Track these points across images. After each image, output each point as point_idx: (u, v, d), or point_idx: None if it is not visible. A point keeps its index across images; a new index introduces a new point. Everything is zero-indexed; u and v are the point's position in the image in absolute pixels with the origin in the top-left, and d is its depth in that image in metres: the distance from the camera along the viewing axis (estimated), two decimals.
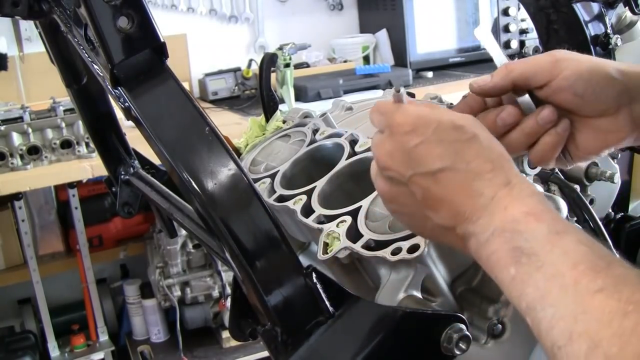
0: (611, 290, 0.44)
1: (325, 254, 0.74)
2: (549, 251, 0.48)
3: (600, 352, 0.41)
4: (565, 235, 0.49)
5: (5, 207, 2.53)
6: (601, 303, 0.43)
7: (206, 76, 2.97)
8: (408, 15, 2.99)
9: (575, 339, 0.43)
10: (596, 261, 0.46)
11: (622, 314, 0.42)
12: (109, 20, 0.62)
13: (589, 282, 0.45)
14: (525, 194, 0.54)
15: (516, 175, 0.56)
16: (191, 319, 2.65)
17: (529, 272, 0.49)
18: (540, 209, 0.52)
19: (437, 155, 0.57)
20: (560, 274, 0.47)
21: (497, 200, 0.54)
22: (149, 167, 1.11)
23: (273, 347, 0.66)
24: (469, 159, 0.56)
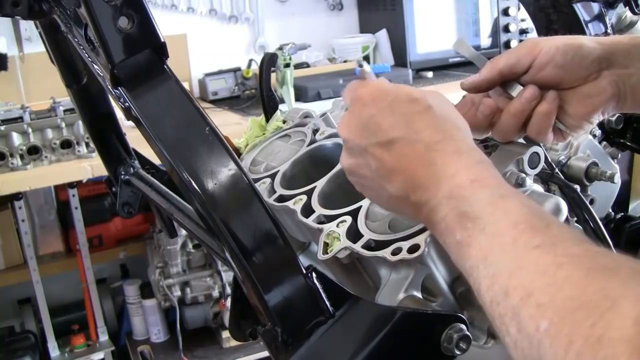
0: (548, 246, 0.45)
1: (325, 254, 0.74)
2: (491, 213, 0.50)
3: (532, 301, 0.42)
4: (507, 198, 0.51)
5: (5, 207, 2.53)
6: (537, 258, 0.45)
7: (206, 76, 2.97)
8: (408, 15, 2.99)
9: (510, 292, 0.44)
10: (535, 221, 0.48)
11: (556, 265, 0.43)
12: (109, 20, 0.62)
13: (527, 239, 0.46)
14: (473, 162, 0.56)
15: (466, 144, 0.58)
16: (191, 319, 2.65)
17: (473, 235, 0.50)
18: (485, 175, 0.54)
19: (389, 126, 0.59)
20: (500, 233, 0.48)
21: (445, 168, 0.56)
22: (149, 167, 1.11)
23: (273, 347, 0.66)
24: (420, 129, 0.58)
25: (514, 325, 0.44)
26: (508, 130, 0.71)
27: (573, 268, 0.42)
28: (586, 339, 0.37)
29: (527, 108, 0.69)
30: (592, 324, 0.38)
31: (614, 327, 0.36)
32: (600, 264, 0.42)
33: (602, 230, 0.79)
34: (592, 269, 0.42)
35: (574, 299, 0.40)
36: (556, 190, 0.84)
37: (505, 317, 0.45)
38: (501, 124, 0.71)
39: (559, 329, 0.40)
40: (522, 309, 0.43)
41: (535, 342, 0.41)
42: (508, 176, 0.72)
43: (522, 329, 0.43)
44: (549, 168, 0.80)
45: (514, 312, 0.44)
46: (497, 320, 0.46)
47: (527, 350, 0.43)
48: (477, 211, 0.51)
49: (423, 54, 3.04)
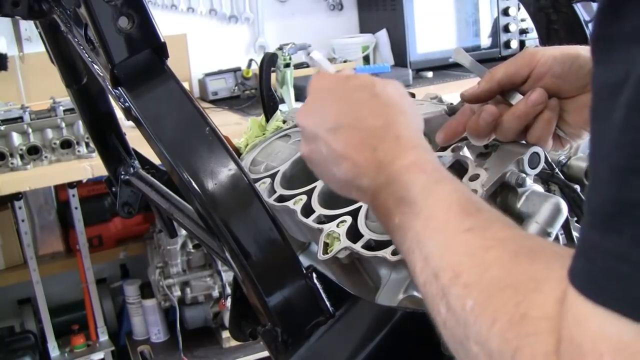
0: (478, 229, 0.46)
1: (325, 254, 0.74)
2: (425, 198, 0.52)
3: (460, 281, 0.44)
4: (442, 183, 0.53)
5: (5, 207, 2.53)
6: (467, 241, 0.46)
7: (206, 76, 2.97)
8: (408, 15, 2.99)
9: (440, 274, 0.46)
10: (467, 205, 0.49)
11: (485, 248, 0.44)
12: (109, 20, 0.62)
13: (459, 223, 0.48)
14: (412, 146, 0.57)
15: (406, 129, 0.59)
16: (191, 319, 2.65)
17: (410, 219, 0.52)
18: (423, 160, 0.56)
19: (337, 112, 0.61)
20: (434, 217, 0.50)
21: (386, 153, 0.57)
22: (149, 167, 1.12)
23: (273, 347, 0.66)
24: (364, 116, 0.60)
25: (443, 305, 0.45)
26: (510, 131, 0.72)
27: (501, 251, 0.43)
28: (510, 317, 0.39)
29: (531, 112, 0.70)
30: (517, 303, 0.39)
31: (537, 306, 0.38)
32: (526, 247, 0.43)
33: None
34: (519, 252, 0.43)
35: (499, 280, 0.41)
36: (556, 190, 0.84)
37: (435, 297, 0.46)
38: (504, 125, 0.71)
39: (483, 308, 0.41)
40: (451, 289, 0.44)
41: (462, 321, 0.42)
42: (508, 176, 0.72)
43: (450, 308, 0.44)
44: (549, 168, 0.80)
45: (443, 293, 0.45)
46: (429, 300, 0.48)
47: (454, 329, 0.44)
48: (413, 196, 0.52)
49: (423, 54, 3.04)
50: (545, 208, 0.69)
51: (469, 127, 0.72)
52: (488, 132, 0.72)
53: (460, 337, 0.43)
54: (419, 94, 1.07)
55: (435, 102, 0.97)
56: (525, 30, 3.15)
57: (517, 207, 0.71)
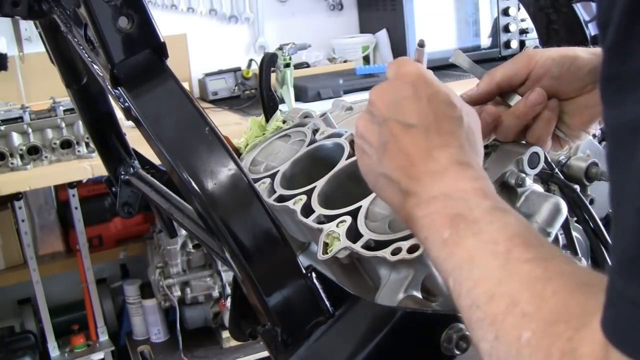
0: (539, 260, 0.45)
1: (325, 254, 0.74)
2: (489, 222, 0.50)
3: (518, 310, 0.42)
4: (508, 213, 0.51)
5: (5, 207, 2.53)
6: (527, 270, 0.45)
7: (206, 76, 2.97)
8: (408, 15, 2.99)
9: (496, 299, 0.44)
10: (531, 239, 0.48)
11: (545, 279, 0.43)
12: (109, 20, 0.62)
13: (521, 252, 0.46)
14: (477, 176, 0.56)
15: (477, 164, 0.59)
16: (191, 319, 2.65)
17: (465, 235, 0.50)
18: (489, 190, 0.55)
19: (418, 112, 0.60)
20: (494, 241, 0.48)
21: (450, 171, 0.56)
22: (149, 167, 1.11)
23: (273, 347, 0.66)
24: (442, 131, 0.59)
25: (493, 332, 0.44)
26: (509, 131, 0.72)
27: (561, 284, 0.42)
28: (563, 353, 0.38)
29: (530, 112, 0.70)
30: (569, 338, 0.38)
31: (586, 342, 0.37)
32: (586, 282, 0.42)
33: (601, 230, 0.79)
34: (579, 286, 0.42)
35: (557, 313, 0.40)
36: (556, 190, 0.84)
37: (484, 321, 0.45)
38: (503, 125, 0.72)
39: (540, 341, 0.40)
40: (506, 317, 0.43)
41: (514, 352, 0.41)
42: (508, 176, 0.72)
43: (502, 337, 0.43)
44: (549, 168, 0.80)
45: (496, 319, 0.44)
46: (474, 324, 0.46)
47: (503, 357, 0.43)
48: (475, 216, 0.51)
49: None
50: (545, 208, 0.69)
51: None
52: (488, 133, 0.72)
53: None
54: None
55: None
56: (525, 30, 3.15)
57: (517, 207, 0.71)
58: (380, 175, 0.61)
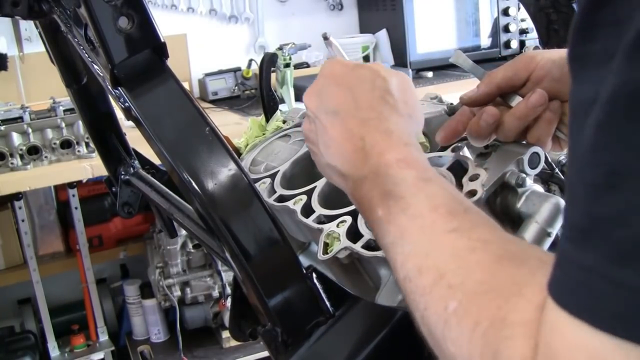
0: (463, 230, 0.47)
1: (325, 254, 0.74)
2: (414, 194, 0.52)
3: (444, 282, 0.44)
4: (431, 182, 0.53)
5: (5, 207, 2.53)
6: (452, 241, 0.46)
7: (206, 76, 2.97)
8: (408, 15, 2.99)
9: (424, 272, 0.46)
10: (455, 206, 0.50)
11: (470, 250, 0.45)
12: (109, 20, 0.62)
13: (445, 223, 0.48)
14: (402, 143, 0.58)
15: (397, 125, 0.60)
16: (191, 319, 2.65)
17: (395, 213, 0.52)
18: (412, 157, 0.56)
19: (338, 98, 0.63)
20: (421, 215, 0.50)
21: (374, 146, 0.58)
22: (149, 167, 1.11)
23: (273, 347, 0.66)
24: (360, 106, 0.61)
25: (423, 303, 0.46)
26: (510, 132, 0.72)
27: (485, 253, 0.44)
28: (492, 321, 0.39)
29: (531, 113, 0.70)
30: (498, 306, 0.40)
31: (517, 311, 0.38)
32: (511, 251, 0.44)
33: None
34: (503, 256, 0.43)
35: (483, 283, 0.42)
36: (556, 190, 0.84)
37: (415, 294, 0.47)
38: (504, 126, 0.72)
39: (467, 310, 0.42)
40: (434, 289, 0.45)
41: (442, 321, 0.43)
42: (508, 176, 0.72)
43: (430, 307, 0.45)
44: (549, 168, 0.80)
45: (425, 291, 0.46)
46: (409, 296, 0.48)
47: (433, 328, 0.45)
48: (401, 191, 0.53)
49: (423, 54, 3.04)
50: (545, 208, 0.69)
51: (470, 128, 0.72)
52: (488, 133, 0.72)
53: (437, 336, 0.44)
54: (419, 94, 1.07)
55: (435, 102, 0.97)
56: (525, 30, 3.15)
57: (517, 207, 0.71)
58: (325, 167, 0.64)
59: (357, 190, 0.58)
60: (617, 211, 0.31)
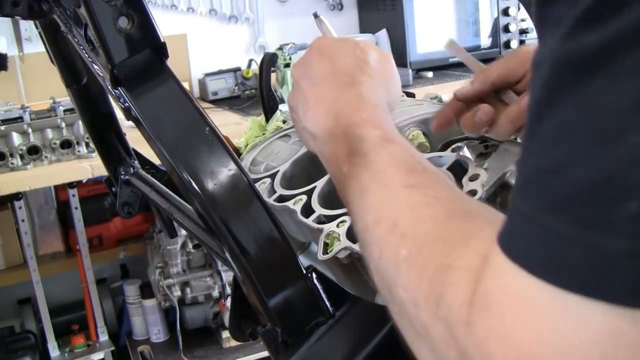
0: (420, 187, 0.49)
1: (325, 254, 0.74)
2: (377, 152, 0.54)
3: (398, 231, 0.47)
4: (395, 142, 0.56)
5: (5, 207, 2.53)
6: (409, 196, 0.49)
7: (206, 76, 2.97)
8: (408, 15, 2.99)
9: (381, 222, 0.49)
10: (415, 165, 0.52)
11: (425, 204, 0.48)
12: (109, 20, 0.62)
13: (403, 179, 0.51)
14: (371, 105, 0.61)
15: (369, 90, 0.63)
16: (191, 319, 2.65)
17: (358, 169, 0.54)
18: (378, 118, 0.59)
19: (320, 67, 0.66)
20: (382, 172, 0.52)
21: (345, 107, 0.61)
22: (149, 167, 1.11)
23: (273, 347, 0.66)
24: (338, 72, 0.65)
25: (378, 252, 0.48)
26: (503, 132, 0.74)
27: (439, 208, 0.47)
28: (438, 267, 0.41)
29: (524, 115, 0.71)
30: (445, 255, 0.42)
31: (462, 259, 0.40)
32: (463, 209, 0.47)
33: None
34: (455, 211, 0.46)
35: (433, 233, 0.45)
36: None
37: (372, 243, 0.49)
38: (498, 126, 0.73)
39: (416, 257, 0.44)
40: (388, 237, 0.47)
41: (394, 267, 0.45)
42: (508, 176, 0.72)
43: (384, 255, 0.47)
44: None
45: (380, 240, 0.48)
46: (366, 247, 0.50)
47: (385, 274, 0.47)
48: (365, 148, 0.55)
49: (423, 54, 3.04)
50: None
51: (464, 122, 0.74)
52: (482, 129, 0.74)
53: (389, 282, 0.46)
54: (419, 94, 1.08)
55: (435, 102, 0.97)
56: (525, 30, 3.15)
57: None
58: (302, 130, 0.67)
59: (326, 148, 0.60)
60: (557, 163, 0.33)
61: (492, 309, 0.36)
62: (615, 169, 0.30)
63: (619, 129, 0.30)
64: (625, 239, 0.30)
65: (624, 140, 0.30)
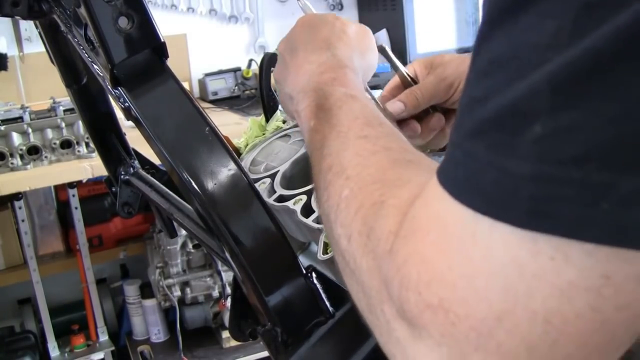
0: (372, 138, 0.52)
1: (325, 254, 0.74)
2: (339, 107, 0.58)
3: (344, 174, 0.49)
4: (356, 99, 0.59)
5: (5, 207, 2.53)
6: (360, 145, 0.52)
7: (206, 76, 2.97)
8: (408, 15, 2.99)
9: (333, 168, 0.52)
10: (371, 120, 0.55)
11: (372, 152, 0.50)
12: (109, 20, 0.62)
13: (358, 131, 0.54)
14: (341, 65, 0.66)
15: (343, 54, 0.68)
16: (191, 319, 2.65)
17: (322, 124, 0.58)
18: (346, 78, 0.63)
19: (300, 38, 0.71)
20: (340, 124, 0.56)
21: (318, 67, 0.65)
22: (149, 167, 1.11)
23: (273, 347, 0.66)
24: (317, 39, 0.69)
25: (326, 195, 0.51)
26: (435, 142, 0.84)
27: (384, 156, 0.49)
28: (372, 204, 0.44)
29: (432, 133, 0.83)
30: (381, 194, 0.44)
31: (395, 197, 0.43)
32: (408, 158, 0.49)
33: None
34: (399, 160, 0.49)
35: (374, 176, 0.47)
36: None
37: (321, 188, 0.52)
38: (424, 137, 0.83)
39: (355, 196, 0.47)
40: (335, 179, 0.50)
41: (335, 206, 0.48)
42: None
43: (330, 197, 0.50)
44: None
45: (329, 183, 0.51)
46: (318, 192, 0.53)
47: (329, 213, 0.49)
48: (329, 104, 0.59)
49: (423, 54, 3.04)
50: None
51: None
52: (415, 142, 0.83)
53: (332, 221, 0.48)
54: None
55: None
56: None
57: None
58: (284, 96, 0.71)
59: (299, 105, 0.64)
60: (484, 93, 0.34)
61: (415, 235, 0.37)
62: (524, 95, 0.32)
63: (535, 64, 0.31)
64: (530, 162, 0.31)
65: (537, 72, 0.31)
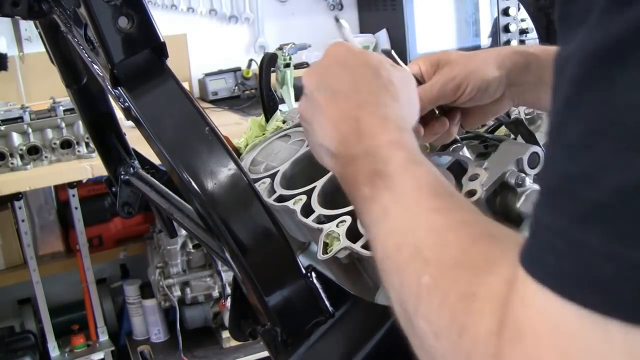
0: (445, 211, 0.47)
1: (325, 254, 0.74)
2: (401, 174, 0.52)
3: (420, 257, 0.44)
4: (420, 164, 0.53)
5: (5, 207, 2.53)
6: (433, 220, 0.47)
7: (206, 76, 2.97)
8: (408, 15, 2.99)
9: (403, 248, 0.46)
10: (439, 189, 0.50)
11: (448, 229, 0.45)
12: (109, 20, 0.62)
13: (427, 202, 0.48)
14: (397, 127, 0.59)
15: (394, 113, 0.61)
16: (191, 319, 2.65)
17: (380, 191, 0.52)
18: (404, 141, 0.57)
19: (339, 79, 0.63)
20: (404, 194, 0.50)
21: (369, 128, 0.58)
22: (149, 167, 1.11)
23: (273, 347, 0.66)
24: (360, 90, 0.62)
25: (399, 279, 0.45)
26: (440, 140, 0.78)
27: (463, 232, 0.44)
28: (460, 295, 0.39)
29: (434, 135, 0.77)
30: (468, 282, 0.39)
31: (486, 286, 0.38)
32: (488, 233, 0.44)
33: None
34: (480, 236, 0.43)
35: (456, 259, 0.42)
36: None
37: (392, 271, 0.47)
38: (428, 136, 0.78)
39: (437, 283, 0.41)
40: (409, 263, 0.45)
41: (414, 295, 0.43)
42: (508, 176, 0.72)
43: (405, 283, 0.44)
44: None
45: (401, 267, 0.45)
46: (386, 275, 0.48)
47: (406, 304, 0.44)
48: (388, 170, 0.53)
49: (423, 54, 3.02)
50: None
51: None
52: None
53: (410, 313, 0.43)
54: None
55: None
56: (525, 30, 3.15)
57: (517, 206, 0.71)
58: (317, 146, 0.63)
59: (346, 169, 0.58)
60: (586, 170, 0.30)
61: (525, 340, 0.32)
62: None
63: None
64: None
65: None
